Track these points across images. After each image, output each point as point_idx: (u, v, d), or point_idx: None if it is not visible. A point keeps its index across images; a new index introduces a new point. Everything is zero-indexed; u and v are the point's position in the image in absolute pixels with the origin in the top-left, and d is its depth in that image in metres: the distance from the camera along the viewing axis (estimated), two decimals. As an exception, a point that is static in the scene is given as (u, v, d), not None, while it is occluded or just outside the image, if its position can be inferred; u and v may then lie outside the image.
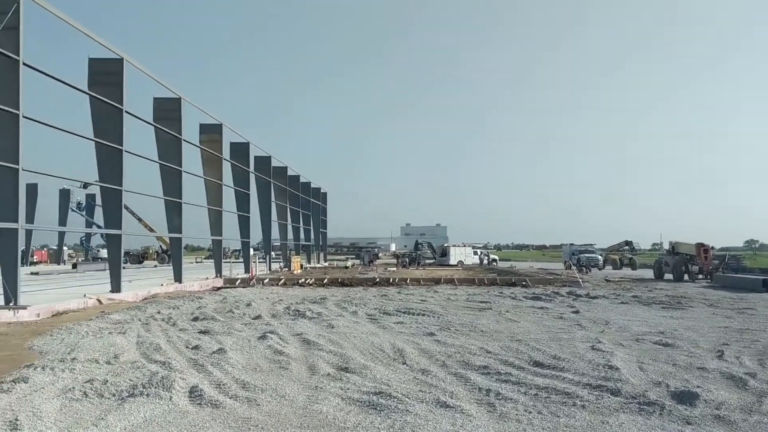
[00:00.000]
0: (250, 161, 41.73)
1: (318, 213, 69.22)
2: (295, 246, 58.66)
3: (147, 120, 27.23)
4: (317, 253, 68.99)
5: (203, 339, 12.33)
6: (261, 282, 31.54)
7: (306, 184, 62.93)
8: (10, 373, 8.91)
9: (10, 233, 17.43)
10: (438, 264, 65.10)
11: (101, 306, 19.97)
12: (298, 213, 58.65)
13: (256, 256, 43.41)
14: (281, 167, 52.01)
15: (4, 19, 16.89)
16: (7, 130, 17.10)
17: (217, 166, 35.16)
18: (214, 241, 36.63)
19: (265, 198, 46.29)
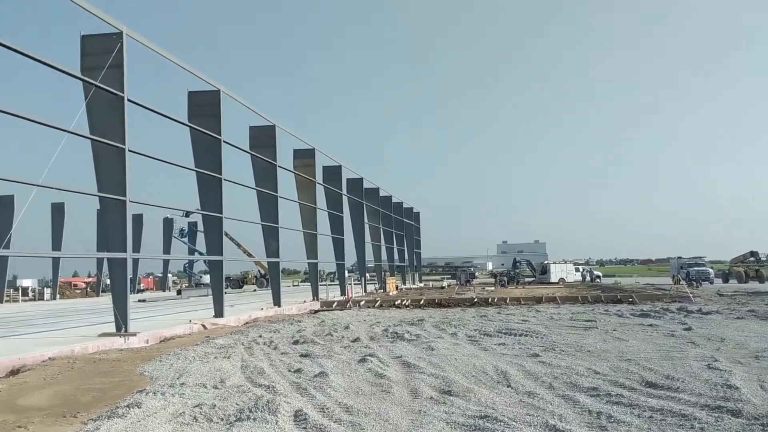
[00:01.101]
0: (342, 184, 42.47)
1: (411, 233, 69.47)
2: (389, 267, 59.01)
3: (243, 148, 28.25)
4: (412, 273, 69.16)
5: (304, 362, 12.55)
6: (357, 304, 31.85)
7: (398, 205, 63.34)
8: (124, 398, 9.34)
9: (120, 263, 18.40)
10: (538, 282, 63.94)
11: (206, 331, 20.70)
12: (391, 234, 59.05)
13: (351, 278, 43.93)
14: (373, 188, 52.62)
15: (109, 58, 17.95)
16: (115, 164, 18.10)
17: (311, 190, 35.96)
18: (310, 264, 37.36)
19: (359, 220, 46.89)
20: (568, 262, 68.87)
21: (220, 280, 24.91)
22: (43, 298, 59.79)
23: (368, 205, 49.91)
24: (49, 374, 12.12)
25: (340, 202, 41.70)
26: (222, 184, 24.09)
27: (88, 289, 70.77)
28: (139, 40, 19.22)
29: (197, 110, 23.93)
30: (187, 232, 68.21)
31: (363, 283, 48.52)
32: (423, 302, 32.03)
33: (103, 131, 17.91)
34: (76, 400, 9.58)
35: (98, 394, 10.04)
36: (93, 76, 17.55)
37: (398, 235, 62.38)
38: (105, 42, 18.09)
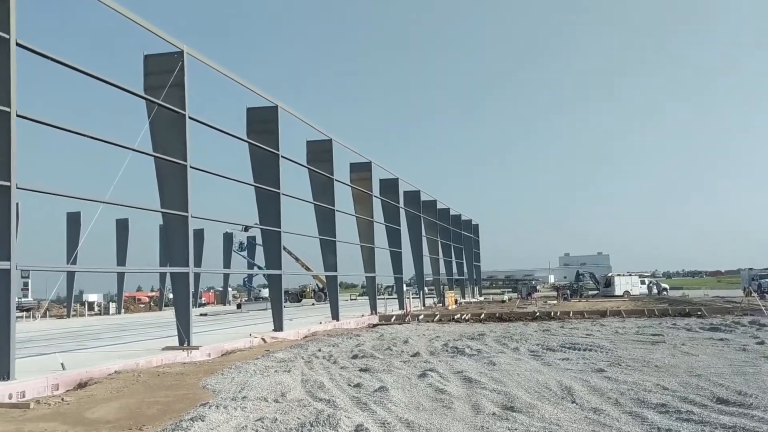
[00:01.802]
0: (399, 197, 42.55)
1: (470, 246, 69.03)
2: (448, 281, 58.73)
3: (301, 163, 28.65)
4: (471, 287, 68.66)
5: (364, 377, 12.59)
6: (416, 318, 31.78)
7: (456, 217, 63.07)
8: (188, 411, 9.54)
9: (182, 277, 18.85)
10: (602, 295, 62.73)
11: (266, 345, 20.98)
12: (449, 247, 58.80)
13: (410, 291, 43.90)
14: (430, 201, 52.54)
15: (171, 77, 18.49)
16: (177, 180, 18.59)
17: (368, 204, 36.13)
18: (367, 277, 37.49)
19: (416, 233, 46.85)
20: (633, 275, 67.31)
21: (280, 294, 25.24)
22: (108, 313, 61.65)
23: (426, 218, 49.83)
24: (115, 387, 12.48)
25: (397, 215, 41.77)
26: (280, 199, 24.45)
27: (151, 304, 72.66)
28: (198, 58, 19.75)
29: (255, 126, 24.39)
30: (246, 246, 69.33)
31: (421, 297, 48.39)
32: (483, 316, 31.76)
33: (165, 148, 18.43)
34: (142, 413, 9.84)
35: (163, 407, 10.29)
36: (155, 94, 18.10)
37: (457, 247, 62.06)
38: (166, 61, 18.65)
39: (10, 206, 12.64)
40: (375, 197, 37.34)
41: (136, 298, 79.42)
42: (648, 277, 69.93)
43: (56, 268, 20.92)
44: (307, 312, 43.13)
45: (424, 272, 48.88)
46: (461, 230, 64.20)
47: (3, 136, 12.72)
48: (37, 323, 38.96)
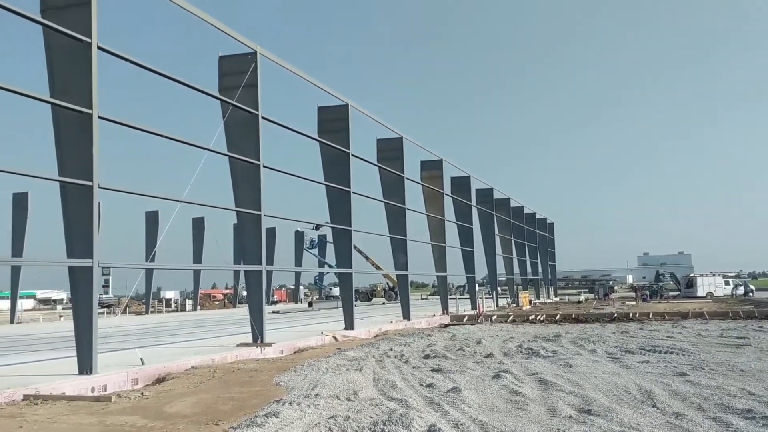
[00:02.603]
0: (471, 195, 42.26)
1: (545, 245, 68.01)
2: (522, 281, 58.04)
3: (371, 161, 28.82)
4: (546, 287, 67.62)
5: (436, 377, 12.59)
6: (489, 319, 31.55)
7: (531, 215, 62.22)
8: (262, 407, 9.75)
9: (255, 275, 19.25)
10: (683, 296, 60.81)
11: (337, 343, 21.22)
12: (523, 246, 58.06)
13: (482, 291, 43.57)
14: (504, 199, 51.97)
15: (244, 78, 18.90)
16: (251, 179, 19.00)
17: (439, 202, 36.01)
18: (439, 277, 37.41)
19: (489, 231, 46.40)
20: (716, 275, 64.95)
21: (351, 293, 25.46)
22: (184, 309, 63.60)
23: (499, 216, 49.32)
24: (192, 383, 12.86)
25: (469, 213, 41.48)
26: (351, 198, 24.66)
27: (225, 301, 74.52)
28: (271, 59, 20.12)
29: (326, 125, 24.67)
30: (317, 243, 70.27)
31: (494, 297, 47.99)
32: (559, 317, 31.30)
33: (239, 148, 18.86)
34: (217, 409, 10.11)
35: (237, 403, 10.54)
36: (230, 95, 18.55)
37: (531, 247, 61.23)
38: (240, 62, 19.08)
39: (92, 205, 13.19)
40: (446, 195, 37.20)
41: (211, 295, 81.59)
42: (732, 277, 67.38)
43: (136, 265, 21.71)
44: (377, 311, 43.38)
45: (497, 272, 48.41)
46: (536, 229, 63.28)
47: (86, 138, 13.28)
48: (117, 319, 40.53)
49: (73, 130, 13.35)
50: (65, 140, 13.45)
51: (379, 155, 29.96)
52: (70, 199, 13.38)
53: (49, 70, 13.52)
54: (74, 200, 13.33)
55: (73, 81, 13.47)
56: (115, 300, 67.21)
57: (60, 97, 13.21)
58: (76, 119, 13.27)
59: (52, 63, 13.51)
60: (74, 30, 13.22)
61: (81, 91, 13.31)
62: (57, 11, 13.38)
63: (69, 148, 13.44)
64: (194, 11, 16.65)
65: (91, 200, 13.19)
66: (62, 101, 13.09)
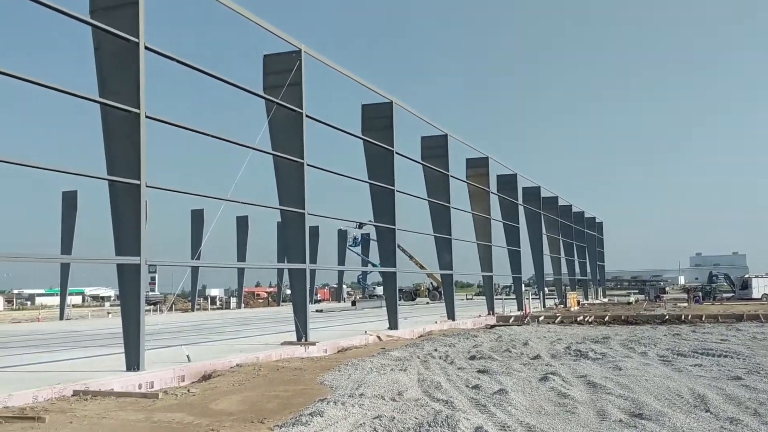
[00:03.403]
0: (518, 193, 41.94)
1: (593, 244, 67.11)
2: (569, 281, 57.38)
3: (416, 159, 28.81)
4: (594, 288, 66.74)
5: (482, 378, 12.54)
6: (536, 320, 31.28)
7: (579, 214, 61.46)
8: (307, 406, 9.85)
9: (299, 273, 19.44)
10: (737, 298, 59.30)
11: (381, 342, 21.29)
12: (571, 245, 57.39)
13: (529, 292, 43.17)
14: (551, 197, 51.45)
15: (289, 76, 19.09)
16: (295, 178, 19.19)
17: (485, 200, 35.79)
18: (484, 277, 37.20)
19: (536, 230, 45.98)
20: (774, 276, 63.22)
21: (394, 292, 25.50)
22: (229, 307, 64.56)
23: (546, 215, 48.83)
24: (237, 380, 13.05)
25: (515, 212, 41.18)
26: (395, 196, 24.69)
27: (269, 299, 75.37)
28: (316, 57, 20.28)
29: (370, 123, 24.75)
30: (360, 242, 70.49)
31: (541, 297, 47.54)
32: (608, 319, 30.88)
33: (283, 147, 19.06)
34: (262, 407, 10.24)
35: (282, 401, 10.67)
36: (274, 93, 18.76)
37: (579, 246, 60.47)
38: (285, 60, 19.27)
39: (140, 204, 13.48)
40: (492, 194, 36.96)
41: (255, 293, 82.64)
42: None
43: (182, 263, 22.12)
44: (421, 311, 43.35)
45: (544, 272, 47.94)
46: (584, 228, 62.48)
47: (133, 137, 13.58)
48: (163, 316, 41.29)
49: (121, 129, 13.67)
50: (114, 140, 13.78)
51: (423, 153, 29.92)
52: (118, 198, 13.69)
53: (98, 70, 13.85)
54: (122, 199, 13.64)
55: (121, 81, 13.78)
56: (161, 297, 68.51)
57: (109, 97, 13.53)
58: (125, 119, 13.58)
59: (101, 63, 13.85)
60: (122, 30, 13.53)
61: (129, 91, 13.61)
62: (105, 12, 13.70)
63: (117, 148, 13.76)
64: (240, 10, 16.88)
65: (138, 199, 13.48)
66: (111, 101, 13.41)
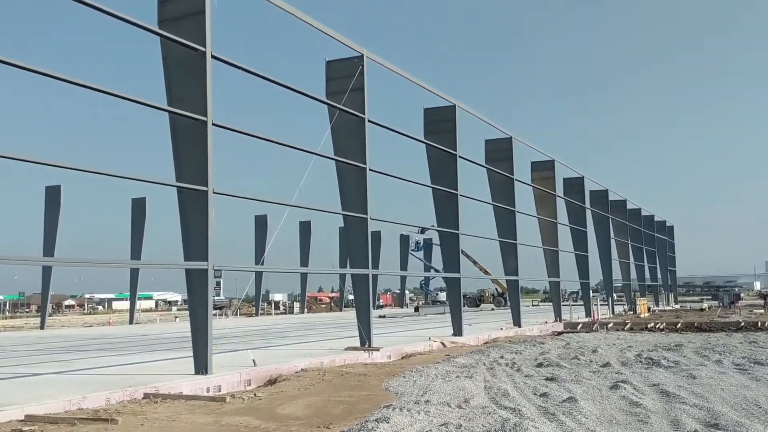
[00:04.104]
0: (585, 196, 41.25)
1: (664, 249, 65.43)
2: (639, 287, 56.11)
3: (479, 162, 28.65)
4: (666, 293, 65.07)
5: (550, 386, 12.38)
6: (604, 326, 30.72)
7: (648, 218, 60.04)
8: (372, 412, 9.90)
9: (362, 278, 19.55)
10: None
11: (445, 349, 21.22)
12: (641, 250, 56.08)
13: (597, 298, 42.39)
14: (620, 200, 50.45)
15: (351, 81, 19.27)
16: (357, 183, 19.32)
17: (551, 204, 35.33)
18: (551, 283, 36.71)
19: (604, 235, 45.13)
20: None
21: (459, 298, 25.38)
22: (292, 312, 65.39)
23: (614, 219, 47.87)
24: (302, 385, 13.22)
25: (582, 216, 40.52)
26: (458, 200, 24.60)
27: (332, 304, 76.02)
28: (378, 62, 20.40)
29: (433, 126, 24.75)
30: (422, 247, 70.40)
31: (610, 303, 46.62)
32: (680, 325, 30.07)
33: (346, 152, 19.25)
34: (328, 412, 10.35)
35: (348, 407, 10.76)
36: (337, 99, 18.97)
37: (649, 251, 59.03)
38: (347, 66, 19.45)
39: (207, 210, 13.81)
40: (558, 197, 36.46)
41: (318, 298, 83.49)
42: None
43: (247, 268, 22.56)
44: (486, 317, 43.03)
45: (613, 277, 47.01)
46: (654, 232, 60.97)
47: (201, 144, 13.92)
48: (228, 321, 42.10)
49: (189, 137, 14.05)
50: (182, 147, 14.17)
51: (487, 156, 29.75)
52: (187, 204, 14.06)
53: (167, 79, 14.28)
54: (191, 205, 14.00)
55: (189, 89, 14.15)
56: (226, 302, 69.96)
57: (176, 105, 13.93)
58: (192, 126, 13.95)
59: (169, 72, 14.27)
60: (189, 39, 13.91)
61: (196, 99, 13.98)
62: (173, 22, 14.11)
63: (185, 155, 14.13)
64: (302, 17, 17.13)
65: (206, 205, 13.81)
66: (179, 109, 13.80)
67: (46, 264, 40.01)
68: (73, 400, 10.76)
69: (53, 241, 39.90)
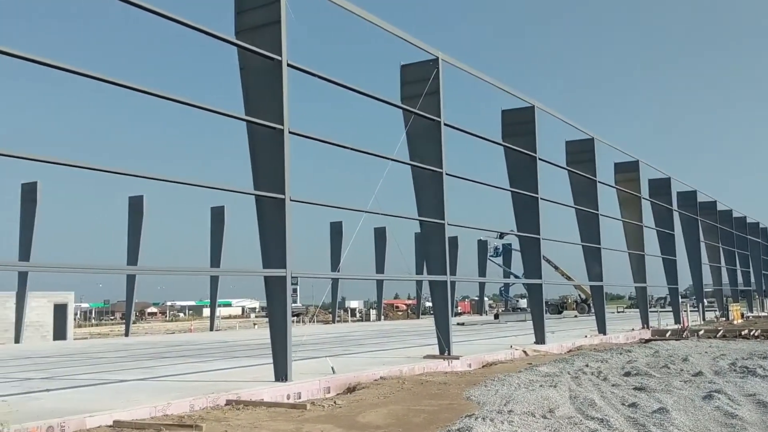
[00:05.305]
0: (672, 198, 40.09)
1: (758, 252, 62.76)
2: (731, 292, 54.01)
3: (560, 165, 28.22)
4: (760, 299, 62.43)
5: (639, 396, 12.05)
6: (695, 334, 29.72)
7: (740, 219, 57.77)
8: (454, 422, 9.86)
9: (441, 285, 19.52)
10: None
11: (527, 357, 20.95)
12: (732, 253, 54.02)
13: (686, 304, 41.06)
14: (709, 202, 48.74)
15: (426, 85, 19.29)
16: (434, 188, 19.31)
17: (636, 207, 34.55)
18: (637, 288, 35.81)
19: (693, 238, 43.74)
20: None
21: (541, 305, 25.03)
22: (369, 319, 65.79)
23: (704, 221, 46.29)
24: (382, 393, 13.29)
25: (670, 218, 39.37)
26: (539, 204, 24.28)
27: (408, 311, 76.09)
28: (453, 64, 20.36)
29: (511, 129, 24.51)
30: (501, 252, 69.65)
31: (700, 309, 45.07)
32: (778, 333, 28.81)
33: (421, 156, 19.27)
34: (409, 421, 10.37)
35: (428, 416, 10.75)
36: (412, 103, 19.02)
37: (742, 254, 56.78)
38: (422, 69, 19.50)
39: (285, 217, 14.07)
40: (644, 199, 35.56)
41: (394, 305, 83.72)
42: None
43: (324, 275, 22.83)
44: (569, 324, 42.25)
45: (703, 282, 45.45)
46: (747, 234, 58.60)
47: (278, 153, 14.21)
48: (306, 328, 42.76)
49: (266, 145, 14.35)
50: (259, 156, 14.49)
51: (568, 158, 29.31)
52: (265, 212, 14.36)
53: (244, 89, 14.64)
54: (269, 213, 14.29)
55: (265, 98, 14.47)
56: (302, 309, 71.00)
57: (253, 114, 14.26)
58: (269, 135, 14.25)
59: (247, 82, 14.62)
60: (266, 49, 14.22)
61: (272, 108, 14.27)
62: (250, 32, 14.46)
63: (263, 163, 14.44)
64: (376, 21, 17.25)
65: (284, 212, 14.07)
66: (256, 118, 14.12)
67: (130, 273, 41.60)
68: (158, 406, 11.14)
69: (137, 250, 41.47)
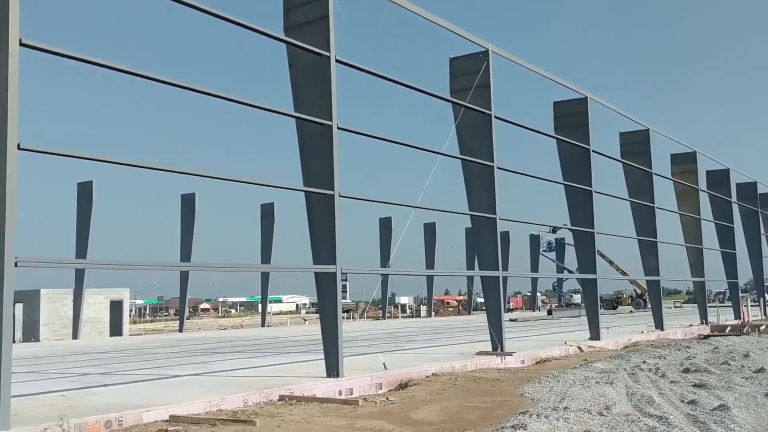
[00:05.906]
0: (731, 190, 39.08)
1: (824, 244, 60.75)
2: (796, 286, 52.38)
3: (614, 157, 27.77)
4: (828, 293, 60.38)
5: (699, 393, 11.80)
6: (756, 329, 28.92)
7: (804, 211, 55.96)
8: (508, 419, 9.80)
9: (492, 281, 19.39)
10: None
11: (582, 354, 20.68)
12: (796, 246, 52.40)
13: (746, 298, 40.01)
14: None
15: (476, 78, 19.16)
16: (484, 182, 19.19)
17: (694, 199, 33.79)
18: (695, 283, 35.05)
19: (753, 231, 42.58)
20: None
21: (595, 301, 24.67)
22: (419, 315, 65.81)
23: (764, 213, 45.03)
24: (434, 390, 13.28)
25: (729, 211, 38.39)
26: (593, 197, 23.93)
27: (459, 307, 75.84)
28: (504, 56, 20.18)
29: (563, 121, 24.23)
30: (555, 247, 68.83)
31: (762, 304, 43.88)
32: None
33: (472, 150, 19.16)
34: (462, 417, 10.35)
35: (482, 412, 10.71)
36: (461, 96, 18.92)
37: (805, 247, 55.06)
38: (471, 62, 19.36)
39: (334, 214, 14.15)
40: (702, 191, 34.75)
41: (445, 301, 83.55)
42: None
43: (374, 271, 22.91)
44: (624, 320, 41.59)
45: (764, 276, 44.22)
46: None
47: (327, 149, 14.29)
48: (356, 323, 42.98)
49: (315, 142, 14.45)
50: (309, 152, 14.59)
51: (622, 150, 28.82)
52: (314, 208, 14.47)
53: (293, 85, 14.75)
54: (318, 209, 14.39)
55: (314, 94, 14.55)
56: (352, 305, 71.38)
57: (302, 110, 14.36)
58: (318, 131, 14.34)
59: (296, 79, 14.73)
60: (314, 45, 14.31)
61: (321, 104, 14.35)
62: (298, 28, 14.57)
63: (312, 160, 14.55)
64: (425, 14, 17.20)
65: (333, 209, 14.15)
66: (305, 115, 14.22)
67: (183, 269, 42.36)
68: (212, 401, 11.33)
69: (189, 246, 42.26)
